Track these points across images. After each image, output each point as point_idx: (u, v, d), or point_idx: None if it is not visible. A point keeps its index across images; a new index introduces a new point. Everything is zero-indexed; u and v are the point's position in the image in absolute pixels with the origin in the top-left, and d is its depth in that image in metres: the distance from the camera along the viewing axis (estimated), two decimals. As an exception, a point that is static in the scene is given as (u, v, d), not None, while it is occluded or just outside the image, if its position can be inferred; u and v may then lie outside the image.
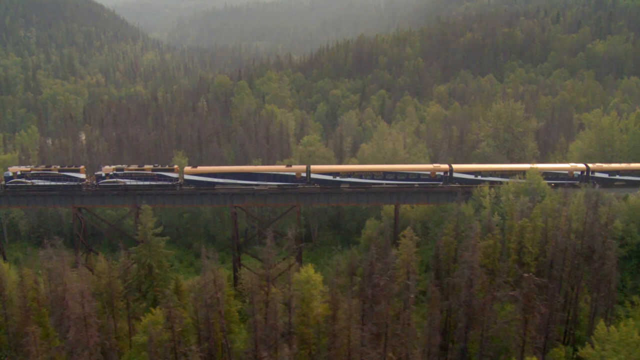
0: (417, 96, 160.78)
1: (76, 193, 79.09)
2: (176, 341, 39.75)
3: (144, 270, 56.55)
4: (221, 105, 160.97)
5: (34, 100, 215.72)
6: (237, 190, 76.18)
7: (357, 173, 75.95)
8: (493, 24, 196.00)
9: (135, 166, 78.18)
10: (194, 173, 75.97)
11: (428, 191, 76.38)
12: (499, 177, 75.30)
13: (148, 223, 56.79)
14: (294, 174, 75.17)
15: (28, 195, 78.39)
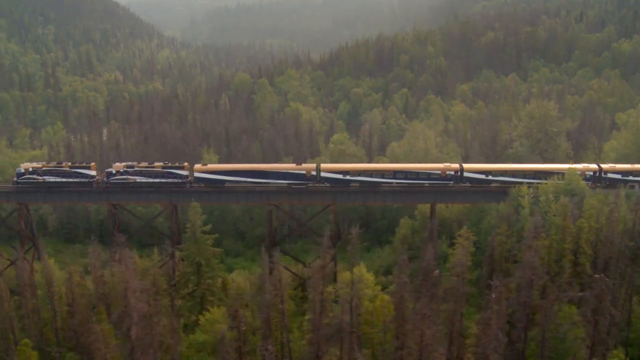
0: (440, 95, 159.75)
1: (111, 189, 79.36)
2: (242, 340, 39.44)
3: (192, 268, 56.26)
4: (243, 103, 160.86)
5: (54, 97, 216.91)
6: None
7: (367, 172, 75.83)
8: (514, 22, 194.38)
9: (146, 163, 78.75)
10: (204, 171, 76.07)
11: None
12: (510, 177, 74.74)
13: (197, 221, 56.52)
14: (304, 172, 75.08)
15: (62, 191, 78.78)
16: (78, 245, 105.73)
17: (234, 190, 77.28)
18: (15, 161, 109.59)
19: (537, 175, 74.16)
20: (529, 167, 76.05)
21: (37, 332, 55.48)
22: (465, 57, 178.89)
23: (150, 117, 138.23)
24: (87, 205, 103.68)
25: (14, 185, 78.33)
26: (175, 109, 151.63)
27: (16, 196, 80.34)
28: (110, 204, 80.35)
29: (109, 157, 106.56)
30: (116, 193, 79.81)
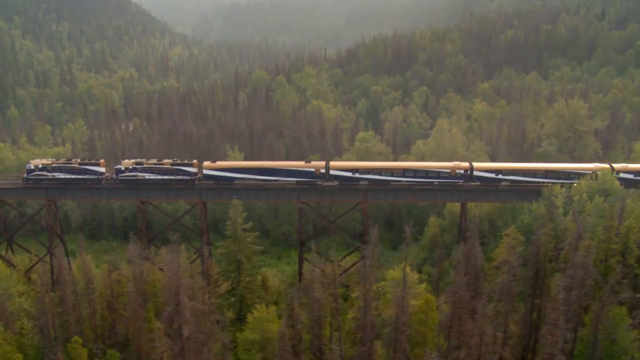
0: (460, 93, 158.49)
1: (141, 186, 79.20)
2: (297, 339, 38.95)
3: (232, 265, 55.87)
4: (261, 100, 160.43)
5: (71, 94, 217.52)
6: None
7: (377, 170, 75.53)
8: (533, 20, 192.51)
9: (155, 160, 78.75)
10: (213, 168, 75.97)
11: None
12: (521, 177, 74.23)
13: (238, 218, 56.08)
14: (313, 170, 74.78)
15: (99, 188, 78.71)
16: (102, 241, 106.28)
17: (262, 187, 77.02)
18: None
19: (548, 175, 73.83)
20: (539, 167, 75.81)
21: (78, 329, 55.29)
22: (484, 55, 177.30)
23: (171, 114, 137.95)
24: (112, 202, 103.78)
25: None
26: (195, 106, 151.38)
27: (46, 192, 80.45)
28: (139, 200, 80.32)
29: (133, 154, 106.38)
30: (146, 190, 79.72)
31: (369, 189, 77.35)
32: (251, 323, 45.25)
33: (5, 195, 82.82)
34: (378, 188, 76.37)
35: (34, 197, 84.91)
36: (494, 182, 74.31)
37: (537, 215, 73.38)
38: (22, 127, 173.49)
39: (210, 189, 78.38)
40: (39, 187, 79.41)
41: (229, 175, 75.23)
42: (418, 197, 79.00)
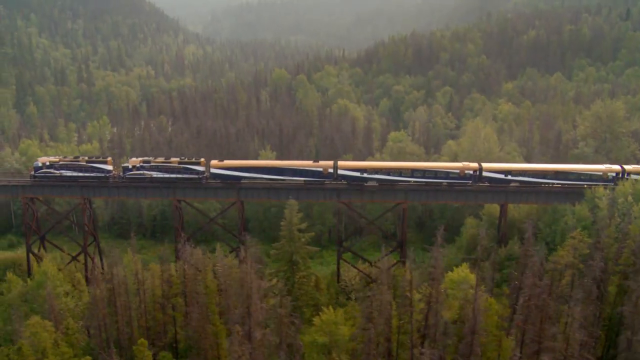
0: (484, 93, 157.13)
1: (178, 185, 78.59)
2: (374, 342, 38.11)
3: (286, 266, 55.09)
4: (283, 99, 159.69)
5: (89, 91, 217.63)
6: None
7: (385, 170, 75.18)
8: (555, 21, 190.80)
9: (162, 159, 78.60)
10: (220, 167, 75.71)
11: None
12: (530, 177, 73.78)
13: (293, 218, 55.29)
14: (320, 169, 74.42)
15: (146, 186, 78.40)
16: (130, 240, 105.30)
17: (289, 187, 76.16)
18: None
19: (558, 176, 73.39)
20: (549, 168, 75.33)
21: (128, 330, 54.61)
22: (507, 56, 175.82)
23: (195, 112, 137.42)
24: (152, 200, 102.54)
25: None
26: (217, 105, 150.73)
27: (80, 190, 79.89)
28: (177, 200, 79.72)
29: (162, 152, 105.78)
30: (183, 190, 79.11)
31: (410, 189, 76.62)
32: (319, 326, 44.37)
33: (39, 193, 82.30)
34: (418, 189, 75.53)
35: (70, 195, 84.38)
36: (503, 183, 74.07)
37: (581, 217, 72.51)
38: (43, 124, 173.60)
39: (248, 188, 77.87)
40: (74, 185, 78.92)
41: (237, 175, 75.21)
42: (468, 198, 77.30)
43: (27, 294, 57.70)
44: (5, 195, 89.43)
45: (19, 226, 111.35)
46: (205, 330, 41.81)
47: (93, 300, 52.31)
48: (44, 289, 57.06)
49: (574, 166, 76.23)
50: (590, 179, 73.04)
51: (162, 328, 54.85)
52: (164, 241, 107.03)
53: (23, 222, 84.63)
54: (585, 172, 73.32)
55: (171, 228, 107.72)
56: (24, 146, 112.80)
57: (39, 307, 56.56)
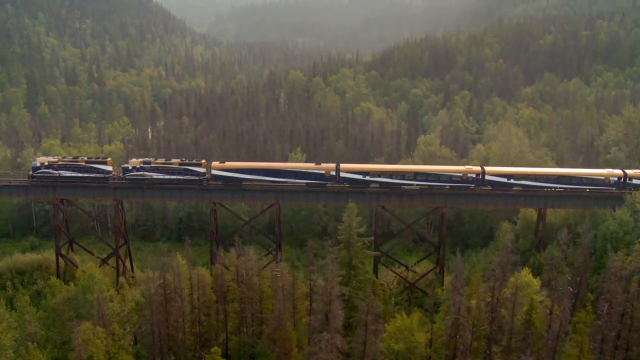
0: (503, 98, 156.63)
1: (206, 187, 77.41)
2: (459, 349, 36.98)
3: (344, 271, 53.95)
4: (301, 101, 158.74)
5: (100, 91, 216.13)
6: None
7: (388, 173, 75.03)
8: (570, 26, 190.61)
9: (163, 160, 77.86)
10: (221, 168, 75.19)
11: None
12: (532, 181, 73.87)
13: (353, 222, 54.14)
14: (323, 172, 74.04)
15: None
16: (156, 243, 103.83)
17: (345, 191, 75.33)
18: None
19: (560, 180, 73.52)
20: (552, 172, 75.78)
21: (181, 336, 53.28)
22: (524, 60, 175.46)
23: (213, 113, 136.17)
24: (199, 201, 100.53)
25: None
26: (238, 106, 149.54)
27: (113, 192, 78.62)
28: (213, 202, 78.45)
29: (188, 154, 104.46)
30: (219, 192, 77.89)
31: (450, 193, 75.75)
32: (393, 332, 43.17)
33: (70, 194, 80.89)
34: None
35: (104, 197, 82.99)
36: (505, 186, 73.88)
37: (623, 222, 71.78)
38: (57, 123, 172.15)
39: (288, 190, 76.78)
40: (107, 186, 77.62)
41: (238, 176, 74.72)
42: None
43: (72, 299, 56.24)
44: (35, 196, 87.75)
45: (40, 227, 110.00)
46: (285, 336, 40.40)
47: (148, 305, 50.93)
48: (90, 293, 55.75)
49: (576, 170, 76.41)
50: (593, 183, 73.31)
51: (215, 333, 53.53)
52: (190, 243, 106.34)
53: (53, 224, 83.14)
54: (588, 177, 73.58)
55: (197, 230, 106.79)
56: (46, 146, 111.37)
57: (85, 313, 55.13)
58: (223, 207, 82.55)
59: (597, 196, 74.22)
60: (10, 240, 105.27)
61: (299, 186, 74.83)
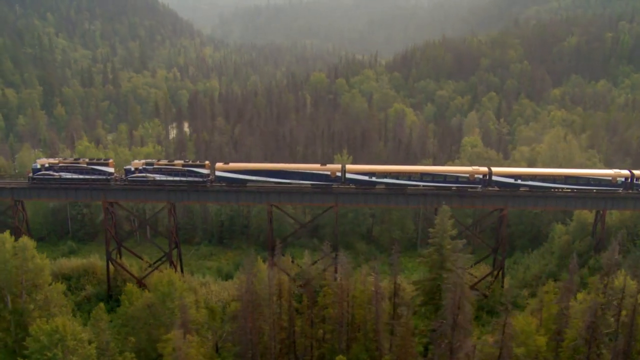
0: (530, 99, 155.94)
1: (271, 189, 75.72)
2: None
3: (434, 274, 52.44)
4: (327, 102, 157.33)
5: (115, 93, 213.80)
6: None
7: (394, 174, 74.27)
8: (592, 28, 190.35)
9: (166, 161, 76.65)
10: (226, 170, 74.06)
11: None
12: (539, 182, 73.16)
13: (446, 224, 52.67)
14: (328, 173, 73.23)
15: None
16: (198, 247, 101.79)
17: (379, 192, 73.86)
18: (129, 158, 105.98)
19: (567, 181, 73.10)
20: (558, 172, 75.22)
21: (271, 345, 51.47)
22: (549, 62, 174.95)
23: (241, 114, 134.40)
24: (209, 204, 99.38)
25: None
26: (259, 107, 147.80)
27: (167, 195, 76.77)
28: (270, 204, 76.75)
29: (230, 156, 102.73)
30: (277, 194, 76.17)
31: (508, 195, 74.55)
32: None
33: (122, 197, 79.00)
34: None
35: (153, 200, 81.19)
36: (513, 187, 73.27)
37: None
38: (77, 125, 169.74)
39: (350, 193, 75.21)
40: (155, 189, 75.69)
41: (242, 178, 73.65)
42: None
43: (151, 306, 54.35)
44: (84, 199, 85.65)
45: (76, 232, 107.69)
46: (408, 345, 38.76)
47: (242, 313, 49.11)
48: (170, 300, 53.91)
49: (583, 171, 76.05)
50: (600, 183, 72.87)
51: (310, 344, 51.72)
52: (232, 247, 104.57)
53: (104, 228, 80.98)
54: (595, 177, 73.17)
55: (239, 234, 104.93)
56: (82, 148, 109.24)
57: (166, 320, 53.25)
58: (279, 210, 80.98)
59: (604, 197, 73.57)
60: (47, 244, 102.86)
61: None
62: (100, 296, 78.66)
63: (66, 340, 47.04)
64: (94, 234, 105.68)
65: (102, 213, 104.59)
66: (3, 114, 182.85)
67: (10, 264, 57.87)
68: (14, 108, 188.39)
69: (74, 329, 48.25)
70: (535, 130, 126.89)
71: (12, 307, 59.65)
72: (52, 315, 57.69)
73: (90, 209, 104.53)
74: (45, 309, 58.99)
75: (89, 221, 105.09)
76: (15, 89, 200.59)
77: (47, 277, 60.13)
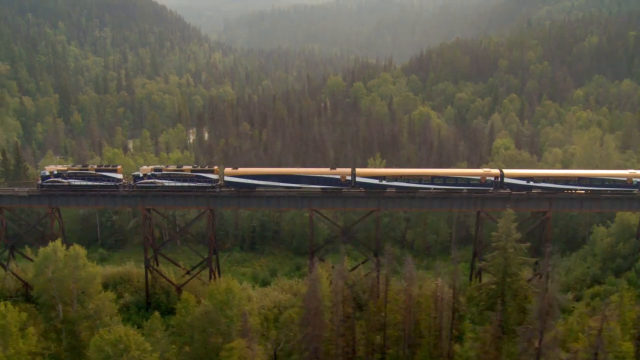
0: (554, 101, 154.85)
1: (314, 195, 74.79)
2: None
3: (500, 279, 51.41)
4: (347, 106, 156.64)
5: (131, 99, 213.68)
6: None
7: (405, 177, 73.12)
8: (611, 26, 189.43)
9: (174, 167, 75.71)
10: (234, 175, 72.94)
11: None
12: (552, 184, 71.78)
13: (511, 228, 51.64)
14: (338, 177, 72.25)
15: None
16: (231, 252, 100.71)
17: (423, 196, 72.37)
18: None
19: (581, 182, 71.56)
20: (572, 173, 73.87)
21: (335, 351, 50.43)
22: (570, 62, 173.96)
23: (265, 119, 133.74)
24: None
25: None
26: (281, 112, 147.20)
27: (207, 201, 75.86)
28: (312, 209, 75.78)
29: (262, 161, 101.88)
30: (319, 199, 75.20)
31: (553, 197, 73.38)
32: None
33: (161, 204, 78.11)
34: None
35: (194, 207, 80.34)
36: (525, 189, 71.88)
37: None
38: (92, 132, 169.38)
39: (393, 197, 74.25)
40: (201, 195, 74.98)
41: (252, 182, 72.68)
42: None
43: (209, 314, 53.33)
44: (122, 206, 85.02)
45: (106, 239, 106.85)
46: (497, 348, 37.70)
47: (306, 319, 48.10)
48: (230, 308, 52.94)
49: (597, 172, 74.56)
50: (614, 184, 71.04)
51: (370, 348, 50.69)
52: (264, 253, 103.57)
53: (142, 235, 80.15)
54: (609, 178, 71.31)
55: (271, 240, 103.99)
56: (110, 155, 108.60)
57: (225, 329, 52.26)
58: (319, 214, 79.99)
59: (618, 198, 71.65)
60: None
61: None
62: (139, 304, 77.66)
63: (130, 351, 46.13)
64: (123, 241, 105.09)
65: (131, 219, 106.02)
66: (21, 122, 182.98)
67: (62, 272, 57.13)
68: (31, 116, 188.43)
69: (137, 338, 47.30)
70: (562, 131, 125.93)
71: (63, 316, 59.00)
72: (104, 324, 57.00)
73: (120, 216, 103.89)
74: (97, 317, 58.18)
75: (119, 228, 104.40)
76: (31, 96, 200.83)
77: (98, 285, 59.33)
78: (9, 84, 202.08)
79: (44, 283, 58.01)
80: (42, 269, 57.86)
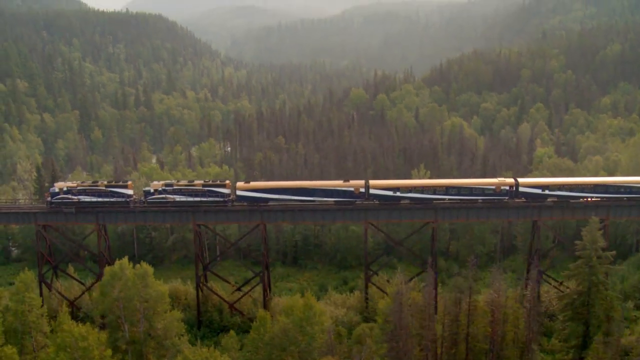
0: (584, 109, 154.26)
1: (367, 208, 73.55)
2: None
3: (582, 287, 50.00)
4: (373, 118, 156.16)
5: (150, 115, 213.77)
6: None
7: (419, 188, 72.07)
8: (634, 34, 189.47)
9: (185, 181, 75.21)
10: (246, 189, 71.97)
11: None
12: (568, 192, 70.60)
13: (596, 236, 50.37)
14: (352, 189, 71.23)
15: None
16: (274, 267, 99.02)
17: (481, 207, 70.83)
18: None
19: (596, 190, 70.41)
20: (587, 181, 72.82)
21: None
22: (594, 71, 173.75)
23: (296, 133, 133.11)
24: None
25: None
26: (310, 125, 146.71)
27: (260, 216, 74.71)
28: (369, 222, 74.57)
29: (303, 174, 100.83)
30: (375, 211, 74.03)
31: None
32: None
33: (212, 220, 76.91)
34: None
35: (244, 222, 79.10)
36: (540, 198, 70.72)
37: None
38: (118, 148, 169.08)
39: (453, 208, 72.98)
40: (255, 210, 73.84)
41: (265, 196, 71.62)
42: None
43: (288, 332, 51.79)
44: (173, 222, 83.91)
45: (144, 255, 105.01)
46: None
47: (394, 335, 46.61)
48: (310, 325, 51.45)
49: (613, 179, 74.34)
50: (631, 191, 69.89)
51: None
52: (307, 267, 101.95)
53: (194, 251, 78.80)
54: (626, 185, 70.19)
55: (313, 254, 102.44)
56: (147, 170, 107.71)
57: (305, 346, 50.72)
58: (375, 228, 78.72)
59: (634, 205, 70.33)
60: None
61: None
62: (190, 322, 75.99)
63: (217, 371, 44.70)
64: (161, 258, 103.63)
65: (170, 236, 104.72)
66: (42, 139, 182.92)
67: (130, 292, 55.68)
68: (52, 132, 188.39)
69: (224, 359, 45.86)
70: (595, 139, 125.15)
71: (129, 337, 57.36)
72: (172, 345, 55.50)
73: (158, 232, 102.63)
74: (164, 337, 56.56)
75: (157, 244, 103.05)
76: (50, 113, 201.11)
77: (166, 304, 57.79)
78: (28, 101, 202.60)
79: (111, 302, 56.51)
80: (108, 288, 56.42)
